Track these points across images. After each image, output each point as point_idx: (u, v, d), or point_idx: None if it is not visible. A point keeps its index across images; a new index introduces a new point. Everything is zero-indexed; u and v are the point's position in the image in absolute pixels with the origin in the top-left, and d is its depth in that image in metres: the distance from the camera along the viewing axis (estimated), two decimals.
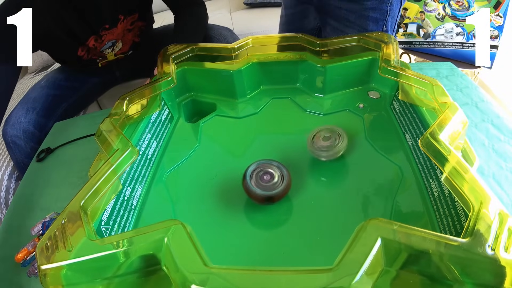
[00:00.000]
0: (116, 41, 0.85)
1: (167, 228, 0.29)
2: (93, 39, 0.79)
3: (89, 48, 0.81)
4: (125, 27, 0.83)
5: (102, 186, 0.35)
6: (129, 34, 0.87)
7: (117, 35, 0.83)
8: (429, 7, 1.03)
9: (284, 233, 0.39)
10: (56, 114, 0.87)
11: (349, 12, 0.71)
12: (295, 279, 0.24)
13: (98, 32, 0.78)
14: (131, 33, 0.87)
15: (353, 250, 0.25)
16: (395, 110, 0.52)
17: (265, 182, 0.41)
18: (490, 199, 0.27)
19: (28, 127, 0.79)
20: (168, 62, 0.55)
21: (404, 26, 1.10)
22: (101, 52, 0.84)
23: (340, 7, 0.72)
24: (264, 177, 0.41)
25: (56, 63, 1.49)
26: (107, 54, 0.86)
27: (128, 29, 0.85)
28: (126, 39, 0.87)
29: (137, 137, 0.48)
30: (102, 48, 0.83)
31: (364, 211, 0.41)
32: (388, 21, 0.71)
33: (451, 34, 1.04)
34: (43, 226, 0.45)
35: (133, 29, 0.86)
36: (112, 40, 0.83)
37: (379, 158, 0.46)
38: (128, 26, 0.84)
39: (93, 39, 0.79)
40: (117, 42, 0.85)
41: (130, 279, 0.29)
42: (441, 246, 0.25)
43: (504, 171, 0.47)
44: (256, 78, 0.61)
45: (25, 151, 0.78)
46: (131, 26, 0.85)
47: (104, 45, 0.82)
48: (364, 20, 0.71)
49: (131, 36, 0.88)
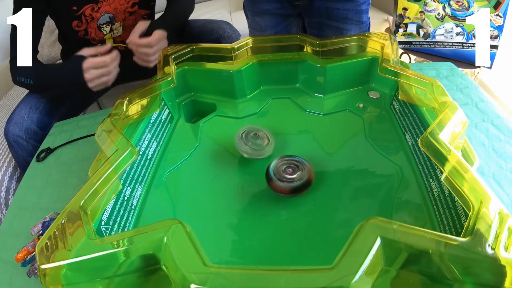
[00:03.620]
0: (115, 18, 0.83)
1: (167, 228, 0.29)
2: (90, 8, 0.78)
3: (86, 18, 0.80)
4: (125, 5, 0.82)
5: (102, 186, 0.35)
6: (130, 18, 0.86)
7: (115, 9, 0.82)
8: (429, 7, 1.03)
9: (284, 233, 0.39)
10: (59, 113, 0.87)
11: (346, 10, 0.78)
12: (295, 279, 0.24)
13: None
14: (132, 17, 0.86)
15: (353, 249, 0.25)
16: (395, 110, 0.52)
17: (289, 175, 0.42)
18: (490, 199, 0.27)
19: (31, 125, 0.78)
20: (168, 63, 0.55)
21: (404, 26, 1.10)
22: (98, 29, 0.83)
23: (338, 8, 0.78)
24: (287, 170, 0.42)
25: (56, 63, 1.49)
26: (105, 35, 0.85)
27: (129, 12, 0.84)
28: (127, 24, 0.86)
29: (137, 137, 0.48)
30: (99, 20, 0.81)
31: (364, 211, 0.41)
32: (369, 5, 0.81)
33: (451, 34, 1.04)
34: (43, 226, 0.45)
35: (134, 13, 0.85)
36: (110, 14, 0.82)
37: (379, 158, 0.46)
38: (128, 8, 0.83)
39: (90, 8, 0.78)
40: (115, 20, 0.84)
41: (130, 278, 0.29)
42: (441, 245, 0.25)
43: (504, 171, 0.47)
44: (256, 78, 0.61)
45: (27, 149, 0.77)
46: (131, 9, 0.84)
47: (101, 16, 0.81)
48: (359, 14, 0.79)
49: (132, 22, 0.87)
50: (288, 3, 0.81)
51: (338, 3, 0.77)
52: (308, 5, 0.80)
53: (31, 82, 0.76)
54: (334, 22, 0.80)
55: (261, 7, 0.84)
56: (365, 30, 0.82)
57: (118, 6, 0.82)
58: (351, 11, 0.78)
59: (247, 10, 0.90)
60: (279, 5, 0.82)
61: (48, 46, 1.50)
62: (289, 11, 0.83)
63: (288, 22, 0.87)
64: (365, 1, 0.78)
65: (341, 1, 0.77)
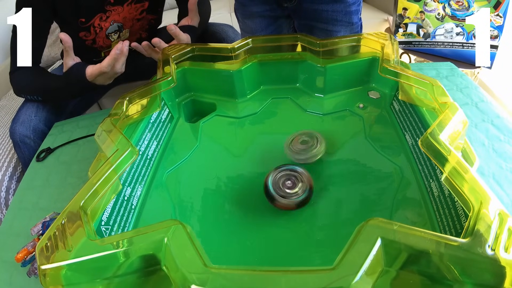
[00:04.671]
0: (123, 26, 0.83)
1: (167, 228, 0.29)
2: (98, 18, 0.77)
3: (95, 29, 0.79)
4: (133, 13, 0.82)
5: (102, 186, 0.35)
6: (138, 24, 0.85)
7: (124, 18, 0.81)
8: (429, 7, 1.03)
9: (284, 233, 0.39)
10: (66, 111, 0.86)
11: (335, 12, 0.77)
12: (295, 279, 0.24)
13: (104, 7, 0.76)
14: (140, 23, 0.85)
15: (353, 250, 0.25)
16: (395, 110, 0.52)
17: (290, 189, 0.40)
18: (490, 199, 0.27)
19: (39, 124, 0.77)
20: (168, 62, 0.55)
21: (404, 26, 1.10)
22: (106, 38, 0.82)
23: (326, 10, 0.77)
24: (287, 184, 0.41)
25: (56, 62, 1.49)
26: (112, 41, 0.84)
27: (137, 19, 0.84)
28: (134, 30, 0.86)
29: (137, 137, 0.48)
30: (107, 30, 0.81)
31: (364, 211, 0.41)
32: (360, 5, 0.80)
33: (451, 34, 1.04)
34: (43, 226, 0.45)
35: (142, 19, 0.85)
36: (118, 23, 0.81)
37: (379, 158, 0.46)
38: (137, 15, 0.83)
39: (98, 18, 0.77)
40: (123, 28, 0.83)
41: (130, 279, 0.29)
42: (441, 246, 0.25)
43: (504, 171, 0.47)
44: (256, 78, 0.61)
45: (34, 149, 0.76)
46: (140, 16, 0.83)
47: (109, 25, 0.80)
48: (349, 15, 0.78)
49: (138, 27, 0.86)
50: (277, 5, 0.80)
51: (326, 4, 0.76)
52: (296, 7, 0.79)
53: (40, 98, 0.76)
54: (323, 24, 0.79)
55: (250, 10, 0.84)
56: (356, 32, 0.81)
57: (127, 15, 0.81)
58: (340, 12, 0.77)
59: (238, 13, 0.90)
60: (268, 7, 0.81)
61: (48, 46, 1.50)
62: (278, 12, 0.83)
63: (279, 24, 0.86)
64: (355, 2, 0.77)
65: (329, 3, 0.76)
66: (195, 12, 0.78)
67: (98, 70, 0.65)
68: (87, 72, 0.66)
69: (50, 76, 0.75)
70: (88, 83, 0.68)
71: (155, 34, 0.93)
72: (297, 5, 0.78)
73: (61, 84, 0.71)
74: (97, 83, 0.69)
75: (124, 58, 0.66)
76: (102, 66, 0.64)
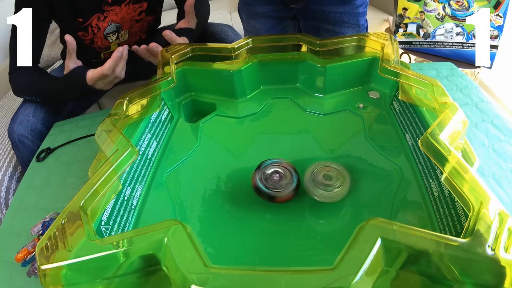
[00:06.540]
0: (121, 27, 0.82)
1: (167, 228, 0.29)
2: (96, 18, 0.77)
3: (92, 29, 0.79)
4: (132, 14, 0.81)
5: (102, 186, 0.35)
6: (137, 26, 0.85)
7: (122, 19, 0.81)
8: (429, 7, 1.03)
9: (284, 233, 0.39)
10: (65, 112, 0.86)
11: (343, 14, 0.77)
12: (295, 279, 0.24)
13: (101, 7, 0.76)
14: (139, 24, 0.85)
15: (353, 250, 0.25)
16: (395, 110, 0.52)
17: (274, 182, 0.41)
18: (490, 199, 0.27)
19: (36, 125, 0.77)
20: (168, 62, 0.55)
21: (404, 26, 1.10)
22: (105, 38, 0.82)
23: (334, 12, 0.77)
24: (273, 177, 0.41)
25: (56, 62, 1.49)
26: (111, 42, 0.84)
27: (136, 20, 0.83)
28: (133, 31, 0.86)
29: (137, 137, 0.48)
30: (105, 30, 0.80)
31: (364, 211, 0.41)
32: (367, 7, 0.80)
33: (451, 34, 1.04)
34: (43, 226, 0.45)
35: (141, 20, 0.85)
36: (116, 24, 0.81)
37: (379, 158, 0.46)
38: (135, 16, 0.82)
39: (96, 18, 0.77)
40: (122, 28, 0.83)
41: (130, 279, 0.29)
42: (441, 246, 0.25)
43: (504, 171, 0.47)
44: (256, 78, 0.61)
45: (32, 149, 0.76)
46: (138, 17, 0.83)
47: (107, 26, 0.80)
48: (356, 17, 0.77)
49: (138, 28, 0.86)
50: (283, 5, 0.80)
51: (334, 6, 0.76)
52: (303, 8, 0.79)
53: (38, 99, 0.76)
54: (330, 26, 0.79)
55: (256, 10, 0.83)
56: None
57: (125, 15, 0.81)
58: (347, 14, 0.76)
59: (242, 13, 0.89)
60: (274, 7, 0.81)
61: (48, 46, 1.50)
62: (284, 13, 0.82)
63: (284, 25, 0.86)
64: (362, 4, 0.77)
65: (337, 4, 0.75)
66: (192, 15, 0.78)
67: (100, 73, 0.65)
68: (87, 76, 0.66)
69: (50, 78, 0.75)
70: (88, 87, 0.68)
71: (155, 35, 0.93)
72: (304, 6, 0.78)
73: (61, 86, 0.71)
74: (97, 88, 0.69)
75: (124, 62, 0.66)
76: (104, 69, 0.64)
